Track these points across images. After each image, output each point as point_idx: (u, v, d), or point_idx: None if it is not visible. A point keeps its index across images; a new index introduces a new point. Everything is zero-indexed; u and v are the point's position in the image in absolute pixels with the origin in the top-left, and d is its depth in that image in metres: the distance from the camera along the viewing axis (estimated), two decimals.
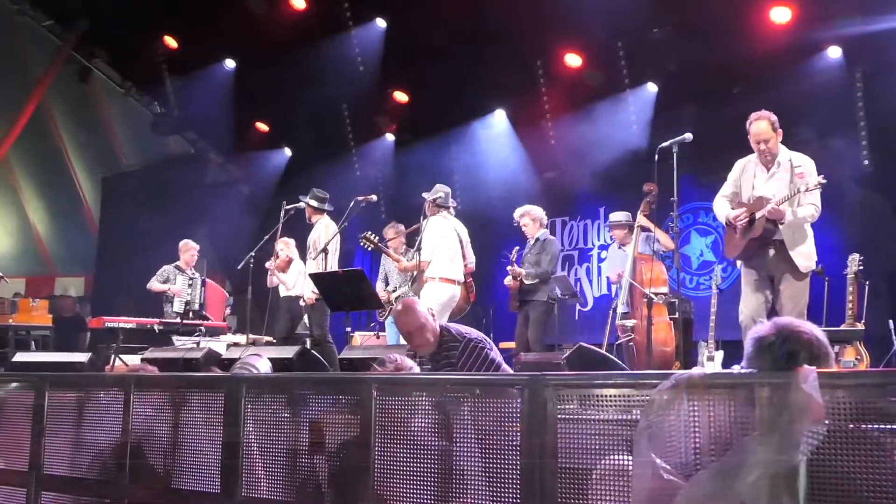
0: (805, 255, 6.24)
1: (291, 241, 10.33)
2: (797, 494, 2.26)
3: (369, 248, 8.78)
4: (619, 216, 9.10)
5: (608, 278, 9.75)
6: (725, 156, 6.79)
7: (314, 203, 9.25)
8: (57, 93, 16.44)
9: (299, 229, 10.04)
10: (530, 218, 8.98)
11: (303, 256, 9.66)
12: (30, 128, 15.85)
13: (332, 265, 8.56)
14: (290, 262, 10.23)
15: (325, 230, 8.92)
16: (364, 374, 3.86)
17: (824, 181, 6.13)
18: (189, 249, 11.16)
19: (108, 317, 10.38)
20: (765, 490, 2.27)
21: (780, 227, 6.22)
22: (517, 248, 8.97)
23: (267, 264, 9.95)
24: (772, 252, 6.29)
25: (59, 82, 15.80)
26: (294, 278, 10.17)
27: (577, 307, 11.79)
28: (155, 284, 10.87)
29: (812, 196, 6.19)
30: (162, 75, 14.73)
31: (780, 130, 6.34)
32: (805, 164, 6.31)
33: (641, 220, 8.61)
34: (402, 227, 9.80)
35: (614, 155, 11.05)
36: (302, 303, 9.38)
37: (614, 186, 11.67)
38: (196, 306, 10.71)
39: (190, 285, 10.78)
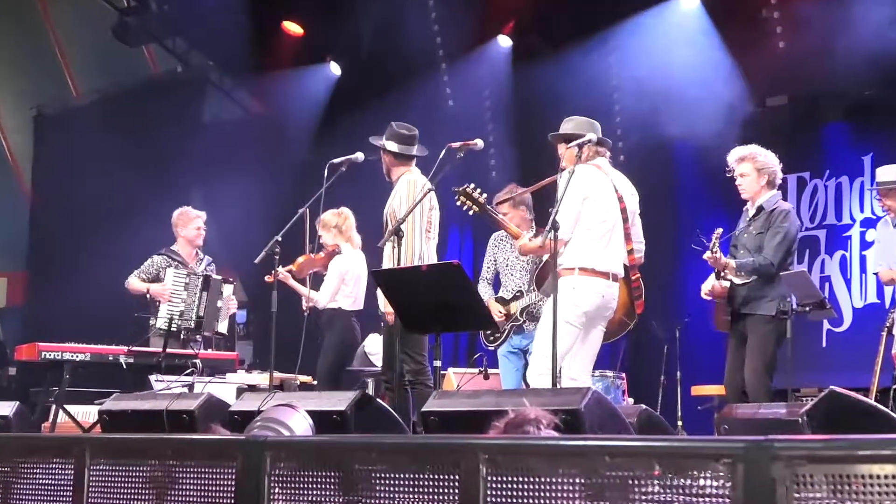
0: None
1: (345, 213, 10.39)
2: None
3: (471, 212, 8.56)
4: (891, 172, 8.77)
5: (876, 276, 9.68)
6: None
7: (393, 147, 8.68)
8: None
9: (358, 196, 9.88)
10: (754, 167, 8.71)
11: (378, 237, 9.13)
12: None
13: (429, 254, 8.43)
14: (332, 254, 10.20)
15: (406, 192, 8.44)
16: (466, 438, 3.95)
17: None
18: (189, 220, 11.03)
19: (47, 343, 10.38)
20: None
21: None
22: (720, 228, 8.68)
23: (280, 270, 9.49)
24: None
25: None
26: (334, 284, 9.99)
27: (826, 325, 11.79)
28: (134, 282, 10.89)
29: None
30: None
31: None
32: None
33: None
34: (521, 189, 9.57)
35: (885, 66, 10.96)
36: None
37: (888, 120, 11.42)
38: (192, 319, 10.68)
39: (186, 285, 10.72)
